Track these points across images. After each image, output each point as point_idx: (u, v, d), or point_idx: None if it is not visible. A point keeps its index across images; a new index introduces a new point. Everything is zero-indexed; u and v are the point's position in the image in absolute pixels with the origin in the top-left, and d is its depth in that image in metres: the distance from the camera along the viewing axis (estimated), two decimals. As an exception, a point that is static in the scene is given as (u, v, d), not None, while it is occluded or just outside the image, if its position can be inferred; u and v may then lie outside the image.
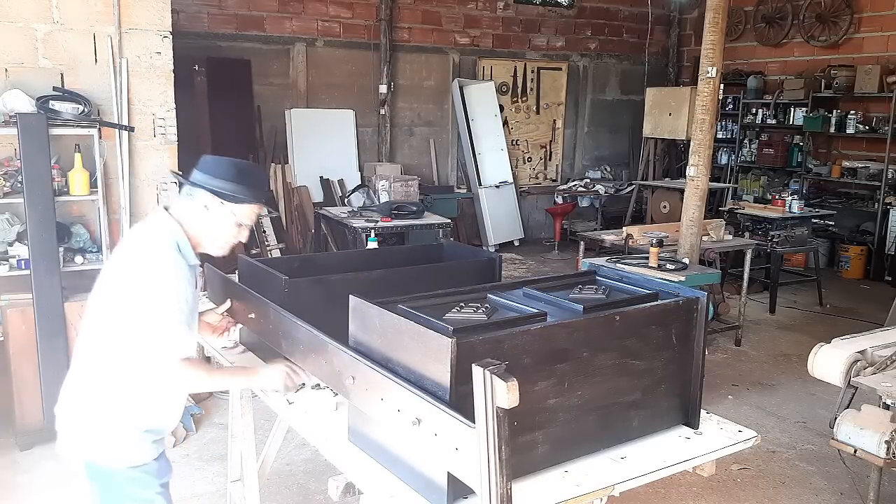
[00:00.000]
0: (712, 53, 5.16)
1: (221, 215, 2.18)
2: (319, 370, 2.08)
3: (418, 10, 9.50)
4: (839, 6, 9.21)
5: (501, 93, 10.32)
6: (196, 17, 8.09)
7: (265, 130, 8.62)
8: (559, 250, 9.82)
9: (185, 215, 2.19)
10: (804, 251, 8.16)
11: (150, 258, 2.09)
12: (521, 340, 1.78)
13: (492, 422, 1.43)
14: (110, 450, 2.15)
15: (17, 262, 4.18)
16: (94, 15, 4.47)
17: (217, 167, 2.19)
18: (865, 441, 2.72)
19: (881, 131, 8.65)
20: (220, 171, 2.18)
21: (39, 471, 3.90)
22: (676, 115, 9.41)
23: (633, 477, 1.91)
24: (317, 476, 3.86)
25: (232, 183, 2.16)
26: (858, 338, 3.21)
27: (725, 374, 5.58)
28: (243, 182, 2.18)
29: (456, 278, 2.67)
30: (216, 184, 2.16)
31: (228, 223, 2.20)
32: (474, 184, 9.79)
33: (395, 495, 1.80)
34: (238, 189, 2.17)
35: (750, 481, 4.01)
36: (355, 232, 6.44)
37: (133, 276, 2.08)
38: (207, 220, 2.18)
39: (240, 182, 2.17)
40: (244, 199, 2.18)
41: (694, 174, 5.36)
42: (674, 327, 2.11)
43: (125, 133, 4.54)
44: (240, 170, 2.21)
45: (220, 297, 2.77)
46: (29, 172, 3.96)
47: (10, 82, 4.28)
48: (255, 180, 2.24)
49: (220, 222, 2.19)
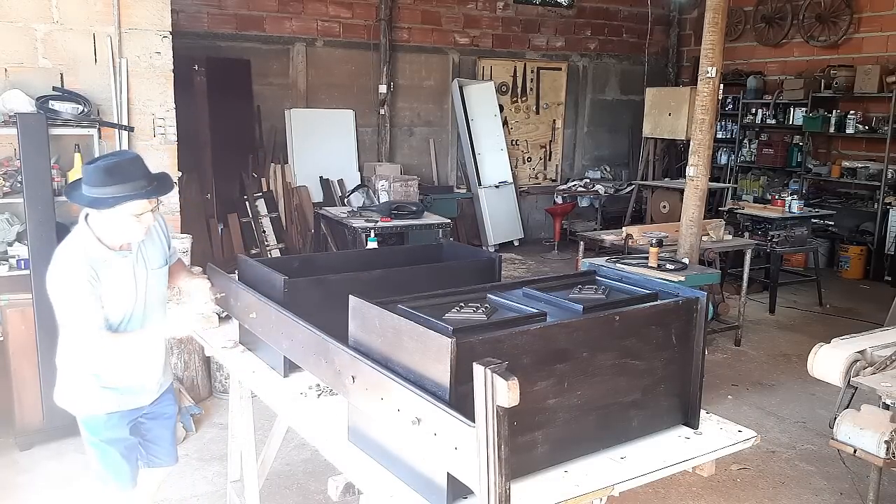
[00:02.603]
0: (712, 53, 5.16)
1: (111, 216, 2.40)
2: (319, 370, 2.09)
3: (418, 10, 9.50)
4: (839, 6, 9.21)
5: (501, 93, 10.32)
6: (196, 16, 8.08)
7: (265, 130, 8.62)
8: (559, 250, 9.82)
9: (93, 221, 2.46)
10: (804, 251, 8.16)
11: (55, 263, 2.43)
12: (520, 340, 1.78)
13: (492, 421, 1.43)
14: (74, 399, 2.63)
15: (17, 262, 4.18)
16: (93, 15, 4.47)
17: (89, 176, 2.39)
18: (865, 441, 2.73)
19: (881, 131, 8.65)
20: (93, 179, 2.37)
21: (39, 471, 3.90)
22: (676, 115, 9.41)
23: (633, 477, 1.91)
24: (317, 476, 3.85)
25: (104, 187, 2.35)
26: (858, 338, 3.21)
27: (725, 374, 5.58)
28: (113, 182, 2.35)
29: (456, 278, 2.67)
30: (94, 192, 2.37)
31: (123, 220, 2.41)
32: (474, 184, 9.80)
33: (395, 495, 1.80)
34: (112, 191, 2.35)
35: (750, 481, 4.01)
36: (355, 232, 6.44)
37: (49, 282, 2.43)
38: (105, 222, 2.43)
39: (110, 184, 2.35)
40: (116, 202, 2.36)
41: (694, 174, 5.36)
42: (674, 327, 2.11)
43: (125, 133, 4.54)
44: (108, 171, 2.37)
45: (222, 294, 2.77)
46: (29, 172, 3.95)
47: (10, 82, 4.28)
48: (126, 176, 2.38)
49: (114, 222, 2.42)
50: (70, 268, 2.41)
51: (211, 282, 2.82)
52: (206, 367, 4.85)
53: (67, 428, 4.03)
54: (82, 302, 2.40)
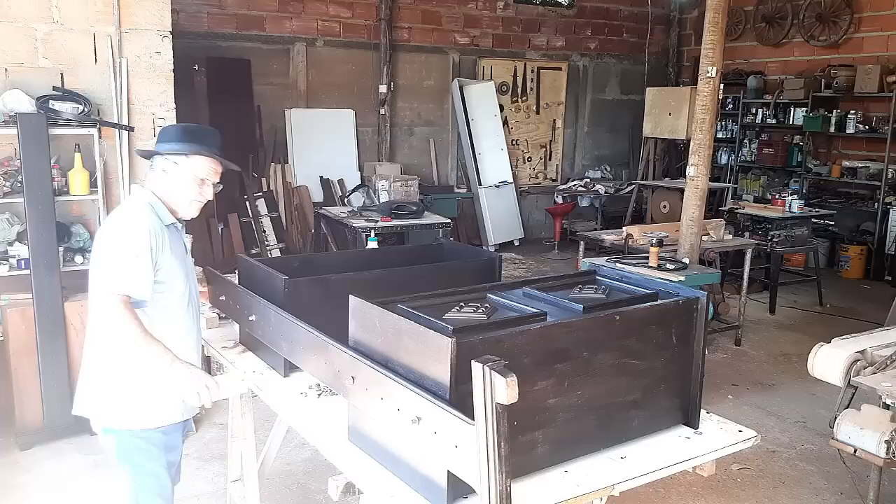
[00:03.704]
0: (712, 53, 5.16)
1: (179, 174, 2.37)
2: (319, 370, 2.08)
3: (418, 10, 9.50)
4: (839, 6, 9.21)
5: (501, 92, 10.32)
6: (196, 16, 8.09)
7: (265, 130, 8.62)
8: (559, 250, 9.82)
9: (153, 183, 2.40)
10: (804, 251, 8.16)
11: (115, 218, 2.34)
12: (520, 340, 1.78)
13: (491, 418, 1.43)
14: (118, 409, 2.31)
15: (17, 261, 4.17)
16: (93, 15, 4.47)
17: (166, 133, 2.41)
18: (865, 441, 2.72)
19: (881, 131, 8.65)
20: (169, 136, 2.39)
21: (39, 471, 3.90)
22: (676, 115, 9.41)
23: (633, 477, 1.91)
24: (317, 476, 3.85)
25: (179, 143, 2.36)
26: (858, 338, 3.21)
27: (725, 374, 5.58)
28: (189, 140, 2.37)
29: (456, 278, 2.66)
30: (166, 147, 2.37)
31: (188, 180, 2.37)
32: (474, 184, 9.80)
33: (395, 495, 1.80)
34: (184, 147, 2.36)
35: (750, 481, 4.01)
36: (355, 232, 6.44)
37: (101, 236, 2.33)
38: (169, 181, 2.38)
39: (186, 141, 2.37)
40: (190, 152, 2.35)
41: (694, 174, 5.36)
42: (674, 327, 2.11)
43: (125, 133, 4.54)
44: (187, 130, 2.42)
45: (221, 297, 2.77)
46: (29, 172, 3.96)
47: (10, 82, 4.27)
48: (202, 138, 2.41)
49: (180, 181, 2.37)
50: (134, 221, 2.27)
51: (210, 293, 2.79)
52: (205, 367, 4.84)
53: (67, 428, 4.04)
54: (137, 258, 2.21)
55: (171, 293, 2.35)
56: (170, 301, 2.35)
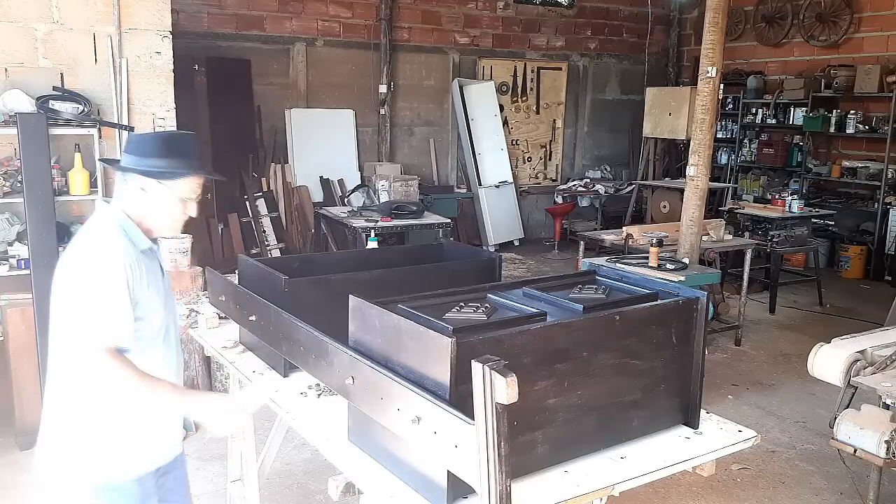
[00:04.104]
0: (712, 53, 5.16)
1: (160, 194, 2.03)
2: (319, 370, 2.08)
3: (418, 10, 9.50)
4: (839, 6, 9.21)
5: (501, 92, 10.32)
6: (196, 16, 8.08)
7: (265, 130, 8.62)
8: (559, 250, 9.82)
9: (127, 202, 2.05)
10: (804, 251, 8.16)
11: (83, 250, 1.98)
12: (520, 340, 1.78)
13: (491, 418, 1.43)
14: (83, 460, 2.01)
15: (17, 261, 4.18)
16: (94, 15, 4.47)
17: (143, 145, 2.05)
18: (865, 441, 2.73)
19: (881, 131, 8.64)
20: (147, 149, 2.03)
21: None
22: (676, 115, 9.41)
23: (633, 477, 1.91)
24: (317, 476, 3.85)
25: (161, 159, 2.02)
26: (858, 338, 3.21)
27: (725, 374, 5.58)
28: (175, 155, 2.03)
29: (456, 278, 2.66)
30: (146, 163, 2.01)
31: (170, 201, 2.05)
32: (474, 184, 9.80)
33: (395, 495, 1.80)
34: (168, 164, 2.02)
35: (750, 481, 4.01)
36: (355, 232, 6.44)
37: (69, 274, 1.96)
38: (148, 202, 2.04)
39: (170, 156, 2.02)
40: (176, 174, 2.03)
41: (694, 174, 5.36)
42: (674, 327, 2.11)
43: (125, 133, 4.54)
44: (168, 144, 2.06)
45: (221, 297, 2.77)
46: (29, 172, 3.95)
47: (10, 82, 4.28)
48: (185, 150, 2.07)
49: (161, 202, 2.04)
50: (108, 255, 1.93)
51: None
52: (206, 367, 4.85)
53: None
54: (116, 303, 1.91)
55: (147, 329, 2.03)
56: (144, 336, 2.02)
